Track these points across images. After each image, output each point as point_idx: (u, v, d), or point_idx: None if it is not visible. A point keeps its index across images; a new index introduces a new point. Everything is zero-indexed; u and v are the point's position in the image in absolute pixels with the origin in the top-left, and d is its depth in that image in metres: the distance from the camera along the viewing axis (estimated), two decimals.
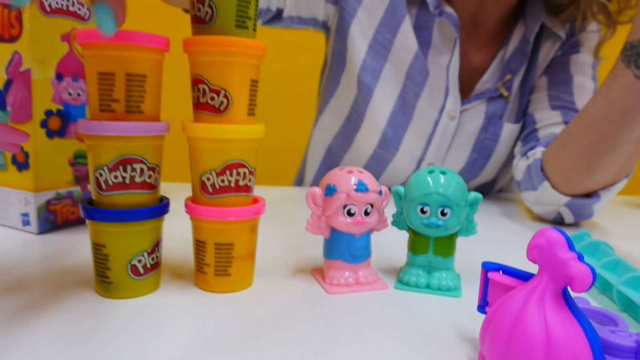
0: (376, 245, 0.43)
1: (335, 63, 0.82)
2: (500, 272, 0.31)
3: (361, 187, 0.37)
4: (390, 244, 0.49)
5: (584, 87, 0.74)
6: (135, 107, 0.33)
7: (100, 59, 0.32)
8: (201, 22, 0.34)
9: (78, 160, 0.52)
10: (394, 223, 0.42)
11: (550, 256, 0.26)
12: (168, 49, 0.34)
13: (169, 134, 0.36)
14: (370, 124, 0.79)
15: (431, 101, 0.76)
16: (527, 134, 0.75)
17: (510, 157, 0.81)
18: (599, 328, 0.31)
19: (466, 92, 0.78)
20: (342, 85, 0.81)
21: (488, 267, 0.31)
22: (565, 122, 0.71)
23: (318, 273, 0.42)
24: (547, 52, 0.77)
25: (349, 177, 0.38)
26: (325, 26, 0.82)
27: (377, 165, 0.81)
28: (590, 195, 0.63)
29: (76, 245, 0.47)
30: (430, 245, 0.40)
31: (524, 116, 0.79)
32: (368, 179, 0.38)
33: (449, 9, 0.73)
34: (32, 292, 0.36)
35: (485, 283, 0.31)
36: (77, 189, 0.52)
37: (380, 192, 0.39)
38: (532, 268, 0.28)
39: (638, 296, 0.35)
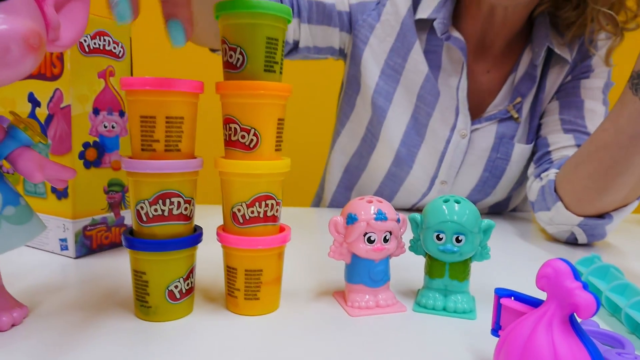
0: (395, 269, 0.45)
1: (350, 87, 0.85)
2: (512, 298, 0.33)
3: (380, 216, 0.40)
4: (408, 268, 0.51)
5: (595, 112, 0.76)
6: (173, 146, 0.36)
7: (142, 103, 0.35)
8: (233, 68, 0.38)
9: (112, 188, 0.55)
10: (411, 249, 0.44)
11: (557, 285, 0.29)
12: (202, 91, 0.38)
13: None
14: (384, 143, 0.82)
15: (443, 120, 0.80)
16: (540, 156, 0.77)
17: (523, 177, 0.83)
18: (606, 350, 0.33)
19: (478, 112, 0.81)
20: (358, 107, 0.85)
21: (501, 294, 0.33)
22: (578, 145, 0.73)
23: (340, 296, 0.44)
24: (556, 76, 0.80)
25: (368, 206, 0.40)
26: (342, 53, 0.85)
27: (392, 183, 0.84)
28: (602, 216, 0.65)
29: (111, 269, 0.50)
30: (446, 270, 0.42)
31: (536, 139, 0.81)
32: (387, 208, 0.41)
33: (456, 34, 0.77)
34: (75, 315, 0.39)
35: (498, 308, 0.33)
36: (110, 215, 0.56)
37: (398, 220, 0.42)
38: (543, 292, 0.30)
39: None
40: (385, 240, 0.41)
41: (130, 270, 0.39)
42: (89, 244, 0.54)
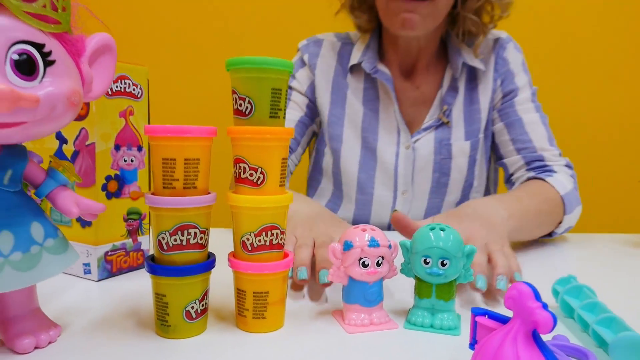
0: (388, 290, 0.50)
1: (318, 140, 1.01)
2: (487, 316, 0.38)
3: (373, 243, 0.45)
4: (400, 290, 0.56)
5: (533, 122, 0.91)
6: (190, 184, 0.42)
7: (164, 147, 0.41)
8: (242, 115, 0.43)
9: (130, 216, 0.61)
10: (403, 271, 0.49)
11: (521, 305, 0.33)
12: (216, 135, 0.43)
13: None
14: (347, 177, 0.95)
15: (388, 140, 0.94)
16: (507, 179, 0.94)
17: (472, 177, 0.95)
18: None
19: (418, 123, 0.95)
20: (326, 159, 1.00)
21: (476, 312, 0.38)
22: (527, 163, 0.89)
23: (338, 314, 0.49)
24: (485, 82, 0.94)
25: (363, 234, 0.45)
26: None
27: (363, 207, 0.96)
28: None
29: (130, 291, 0.55)
30: (433, 291, 0.47)
31: (498, 159, 0.96)
32: (379, 235, 0.46)
33: (382, 67, 0.93)
34: (101, 333, 0.44)
35: (474, 325, 0.38)
36: (129, 241, 0.61)
37: (389, 246, 0.47)
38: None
39: (608, 334, 0.42)
40: (378, 264, 0.46)
41: (151, 293, 0.44)
42: (110, 268, 0.59)
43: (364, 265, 0.45)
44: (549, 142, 0.91)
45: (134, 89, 0.59)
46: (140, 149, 0.61)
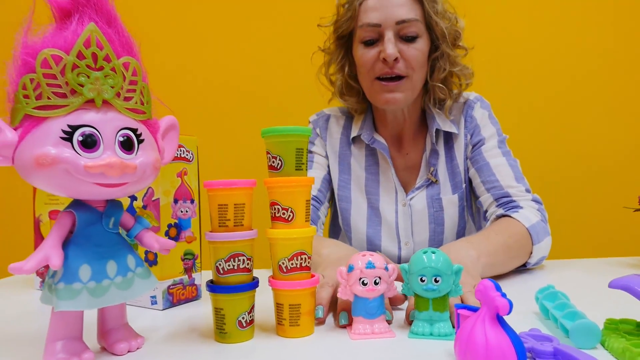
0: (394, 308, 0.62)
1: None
2: (466, 310, 0.50)
3: (370, 265, 0.56)
4: (403, 307, 0.67)
5: (499, 165, 1.03)
6: (239, 222, 0.56)
7: (219, 196, 0.55)
8: (275, 169, 0.58)
9: (186, 256, 0.75)
10: (403, 291, 0.58)
11: (485, 295, 0.46)
12: (256, 186, 0.57)
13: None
14: (356, 234, 1.11)
15: (388, 199, 1.09)
16: (483, 216, 1.05)
17: (463, 221, 1.08)
18: (534, 342, 0.49)
19: (411, 184, 1.10)
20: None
21: (458, 307, 0.50)
22: (496, 199, 1.00)
23: (350, 324, 0.60)
24: (460, 142, 1.08)
25: (363, 258, 0.57)
26: None
27: None
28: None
29: (189, 315, 0.68)
30: (430, 305, 0.56)
31: (477, 198, 1.07)
32: (377, 259, 0.57)
33: (379, 137, 1.09)
34: (172, 343, 0.57)
35: (458, 316, 0.50)
36: (185, 277, 0.75)
37: (386, 268, 0.57)
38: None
39: (570, 324, 0.53)
40: (376, 283, 0.56)
41: (204, 316, 0.57)
42: (171, 299, 0.73)
43: (364, 283, 0.56)
44: (516, 180, 1.01)
45: (187, 155, 0.75)
46: (192, 202, 0.76)
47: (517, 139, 1.11)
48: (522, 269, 0.94)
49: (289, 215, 0.57)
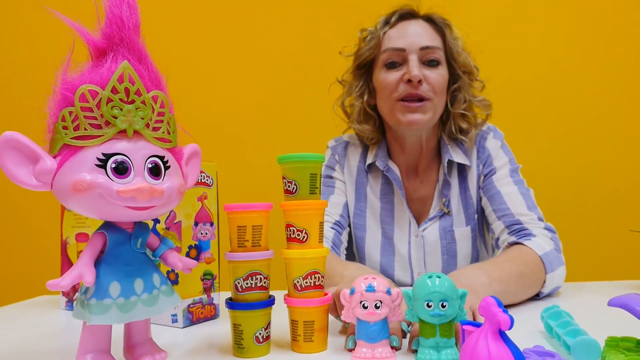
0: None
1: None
2: (470, 326, 0.52)
3: (370, 289, 0.55)
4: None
5: (510, 194, 1.03)
6: (257, 243, 0.60)
7: (238, 218, 0.59)
8: (290, 193, 0.62)
9: (205, 276, 0.79)
10: (407, 317, 0.56)
11: (488, 311, 0.48)
12: (272, 209, 0.61)
13: None
14: (370, 263, 1.13)
15: (401, 230, 1.11)
16: (495, 243, 1.05)
17: (475, 252, 1.10)
18: (537, 357, 0.52)
19: (424, 214, 1.12)
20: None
21: (463, 323, 0.53)
22: (507, 227, 1.00)
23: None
24: (472, 174, 1.10)
25: (365, 281, 0.56)
26: None
27: None
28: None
29: (208, 333, 0.72)
30: (437, 331, 0.54)
31: (490, 224, 1.07)
32: (378, 282, 0.56)
33: (392, 166, 1.11)
34: (193, 357, 0.60)
35: (463, 332, 0.53)
36: (204, 296, 0.78)
37: (388, 292, 0.56)
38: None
39: (572, 341, 0.55)
40: (377, 307, 0.55)
41: (223, 334, 0.60)
42: (191, 317, 0.76)
43: (364, 307, 0.56)
44: (528, 208, 1.00)
45: (207, 180, 0.79)
46: (212, 224, 0.80)
47: (526, 164, 1.13)
48: (536, 299, 0.91)
49: (304, 237, 0.60)
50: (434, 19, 1.07)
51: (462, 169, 1.10)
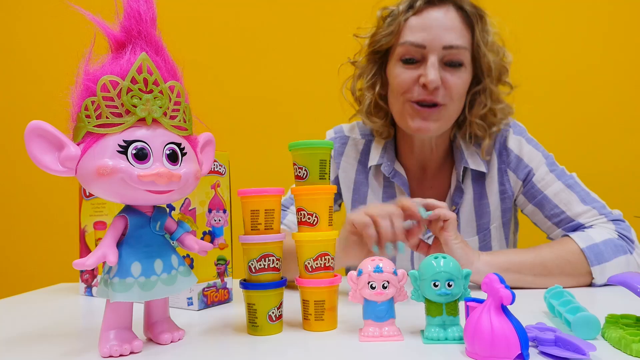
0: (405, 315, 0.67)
1: None
2: (473, 302, 0.55)
3: (377, 269, 0.58)
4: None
5: (557, 193, 0.95)
6: (269, 226, 0.62)
7: (252, 202, 0.62)
8: (301, 179, 0.64)
9: (219, 261, 0.81)
10: (413, 297, 0.58)
11: (490, 287, 0.51)
12: (284, 194, 0.64)
13: None
14: None
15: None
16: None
17: None
18: (538, 332, 0.54)
19: None
20: None
21: (467, 299, 0.55)
22: (566, 234, 0.92)
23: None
24: (490, 180, 1.02)
25: (372, 263, 0.58)
26: None
27: None
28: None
29: (222, 315, 0.74)
30: (444, 309, 0.56)
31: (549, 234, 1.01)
32: (385, 263, 0.58)
33: (400, 168, 1.03)
34: (209, 337, 0.63)
35: (467, 308, 0.55)
36: (218, 281, 0.81)
37: (394, 272, 0.58)
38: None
39: (572, 317, 0.57)
40: (384, 287, 0.57)
41: (236, 316, 0.63)
42: (206, 301, 0.79)
43: (372, 287, 0.58)
44: (583, 202, 0.93)
45: (220, 168, 0.82)
46: (225, 211, 0.83)
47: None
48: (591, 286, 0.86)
49: (314, 220, 0.63)
50: (465, 7, 0.93)
51: (480, 174, 1.02)
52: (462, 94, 0.95)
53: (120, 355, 0.55)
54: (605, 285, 0.86)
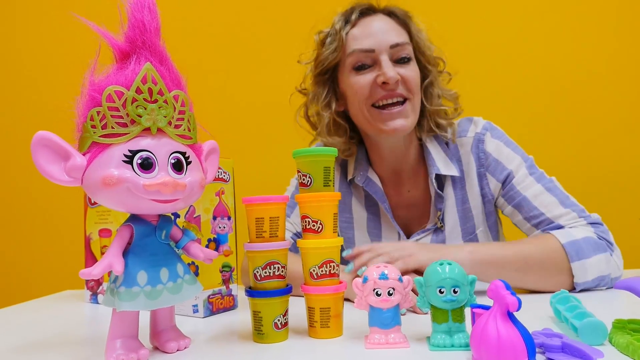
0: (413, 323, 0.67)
1: None
2: (479, 309, 0.55)
3: (383, 276, 0.57)
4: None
5: (536, 195, 0.95)
6: (274, 234, 0.62)
7: (256, 210, 0.62)
8: (305, 186, 0.64)
9: (224, 268, 0.82)
10: (419, 304, 0.58)
11: (496, 294, 0.51)
12: (288, 201, 0.64)
13: None
14: None
15: (391, 241, 1.04)
16: None
17: None
18: (545, 338, 0.54)
19: (414, 225, 1.06)
20: None
21: (473, 306, 0.55)
22: (543, 231, 0.93)
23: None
24: (471, 184, 1.02)
25: (377, 270, 0.58)
26: None
27: None
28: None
29: (228, 322, 0.75)
30: (449, 316, 0.56)
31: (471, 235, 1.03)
32: (390, 270, 0.58)
33: (374, 177, 1.04)
34: (214, 344, 0.63)
35: (473, 315, 0.55)
36: (223, 288, 0.81)
37: (400, 279, 0.58)
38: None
39: (579, 323, 0.57)
40: (389, 294, 0.57)
41: (241, 322, 0.63)
42: (211, 308, 0.79)
43: (377, 294, 0.58)
44: (562, 205, 0.92)
45: (224, 176, 0.82)
46: (229, 218, 0.83)
47: (533, 155, 1.05)
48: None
49: (319, 227, 0.63)
50: (395, 12, 1.00)
51: (459, 179, 1.02)
52: (419, 86, 0.99)
53: None
54: (609, 288, 0.86)
